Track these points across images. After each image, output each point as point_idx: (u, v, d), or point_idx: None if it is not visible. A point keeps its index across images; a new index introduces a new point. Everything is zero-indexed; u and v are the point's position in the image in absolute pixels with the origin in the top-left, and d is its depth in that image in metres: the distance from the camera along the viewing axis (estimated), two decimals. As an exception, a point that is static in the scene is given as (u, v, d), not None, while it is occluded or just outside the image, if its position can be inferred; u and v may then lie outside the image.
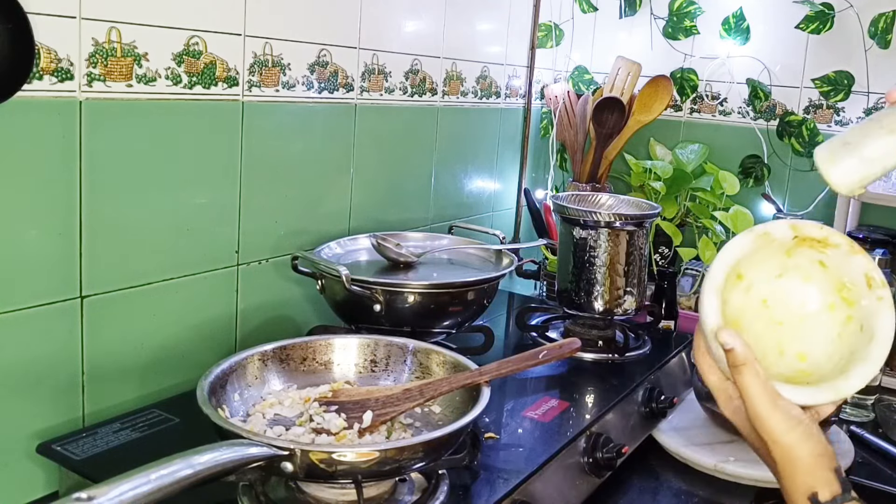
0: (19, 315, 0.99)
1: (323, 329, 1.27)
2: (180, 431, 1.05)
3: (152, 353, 1.15)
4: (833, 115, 1.84)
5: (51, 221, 1.00)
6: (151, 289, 1.14)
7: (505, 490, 0.94)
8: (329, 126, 1.40)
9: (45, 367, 1.02)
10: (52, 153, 0.99)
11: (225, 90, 1.19)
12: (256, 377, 0.98)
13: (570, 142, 2.00)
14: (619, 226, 1.40)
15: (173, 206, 1.15)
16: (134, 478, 0.64)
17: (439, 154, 1.71)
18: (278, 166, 1.31)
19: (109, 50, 1.03)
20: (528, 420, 1.13)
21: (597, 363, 1.40)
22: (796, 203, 1.89)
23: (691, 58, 1.99)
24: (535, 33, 1.97)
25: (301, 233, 1.37)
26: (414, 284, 1.23)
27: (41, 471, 1.03)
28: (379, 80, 1.49)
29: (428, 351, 1.04)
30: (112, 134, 1.05)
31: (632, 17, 2.03)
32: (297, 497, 0.87)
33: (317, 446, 0.82)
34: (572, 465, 1.09)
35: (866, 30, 1.76)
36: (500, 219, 1.99)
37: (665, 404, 1.33)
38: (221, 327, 1.26)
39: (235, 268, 1.26)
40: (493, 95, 1.87)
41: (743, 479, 1.25)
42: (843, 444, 1.23)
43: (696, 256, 1.83)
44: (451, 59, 1.69)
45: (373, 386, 1.02)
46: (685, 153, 1.96)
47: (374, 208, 1.54)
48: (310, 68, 1.33)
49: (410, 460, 0.82)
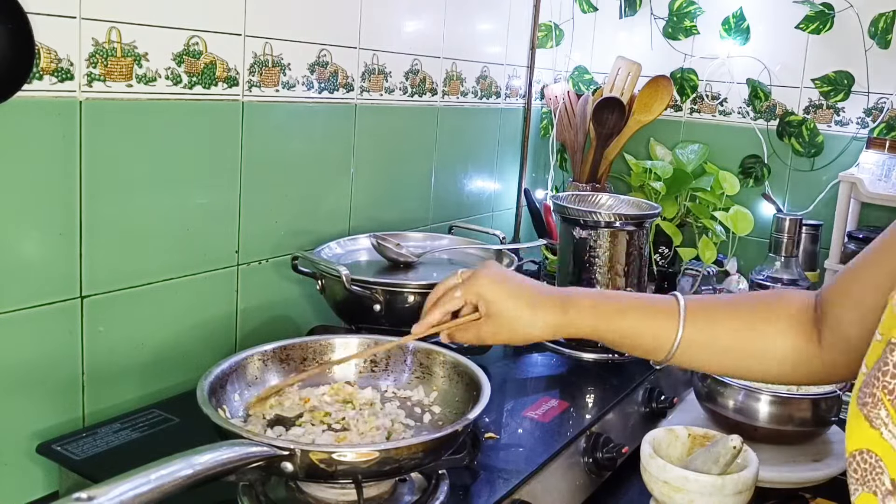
0: (19, 315, 0.99)
1: (323, 329, 1.27)
2: (180, 431, 1.05)
3: (152, 353, 1.15)
4: (833, 115, 1.84)
5: (51, 221, 1.00)
6: (151, 289, 1.14)
7: (505, 490, 0.94)
8: (329, 126, 1.40)
9: (45, 367, 1.02)
10: (52, 153, 0.99)
11: (225, 90, 1.19)
12: (256, 377, 0.98)
13: (570, 142, 2.00)
14: (619, 226, 1.40)
15: (173, 206, 1.15)
16: (134, 478, 0.64)
17: (439, 154, 1.71)
18: (278, 166, 1.31)
19: (109, 50, 1.03)
20: (528, 420, 1.13)
21: (597, 363, 1.40)
22: (796, 203, 1.89)
23: (691, 58, 1.99)
24: (535, 33, 1.97)
25: (301, 233, 1.37)
26: (414, 284, 1.23)
27: (41, 471, 1.02)
28: (379, 80, 1.49)
29: (428, 351, 1.04)
30: (112, 134, 1.05)
31: (632, 17, 2.03)
32: (297, 497, 0.87)
33: (317, 446, 0.81)
34: (572, 465, 1.09)
35: (866, 30, 1.76)
36: (500, 219, 1.99)
37: (665, 404, 1.33)
38: (221, 327, 1.26)
39: (235, 268, 1.26)
40: (493, 95, 1.87)
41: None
42: (843, 444, 1.23)
43: (696, 256, 1.83)
44: (451, 59, 1.69)
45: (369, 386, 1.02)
46: (685, 153, 1.96)
47: (374, 208, 1.54)
48: (310, 68, 1.33)
49: (410, 460, 0.82)
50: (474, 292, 0.91)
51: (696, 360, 0.88)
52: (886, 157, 1.70)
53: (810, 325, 0.84)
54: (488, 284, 0.91)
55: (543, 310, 0.89)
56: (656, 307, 0.88)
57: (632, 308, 0.89)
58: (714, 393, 1.24)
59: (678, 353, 0.86)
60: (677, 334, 0.85)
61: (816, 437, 1.24)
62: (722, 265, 1.81)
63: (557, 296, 0.90)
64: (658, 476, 0.96)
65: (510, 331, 0.90)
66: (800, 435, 1.21)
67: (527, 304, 0.89)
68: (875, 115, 1.78)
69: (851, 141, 1.81)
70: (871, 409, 0.61)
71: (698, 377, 1.27)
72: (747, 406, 1.20)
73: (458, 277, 0.94)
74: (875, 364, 0.63)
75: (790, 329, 0.85)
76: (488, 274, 0.92)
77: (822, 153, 1.84)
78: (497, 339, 0.92)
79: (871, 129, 1.78)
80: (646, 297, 0.93)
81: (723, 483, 0.93)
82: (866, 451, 0.62)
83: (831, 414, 1.21)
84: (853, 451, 0.64)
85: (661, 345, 0.87)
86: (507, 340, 0.92)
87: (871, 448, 0.62)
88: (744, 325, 0.86)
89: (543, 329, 0.89)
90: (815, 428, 1.22)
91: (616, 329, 0.89)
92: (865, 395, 0.62)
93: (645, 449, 0.99)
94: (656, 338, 0.87)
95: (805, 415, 1.19)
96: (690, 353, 0.87)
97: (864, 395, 0.62)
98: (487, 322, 0.91)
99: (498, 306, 0.90)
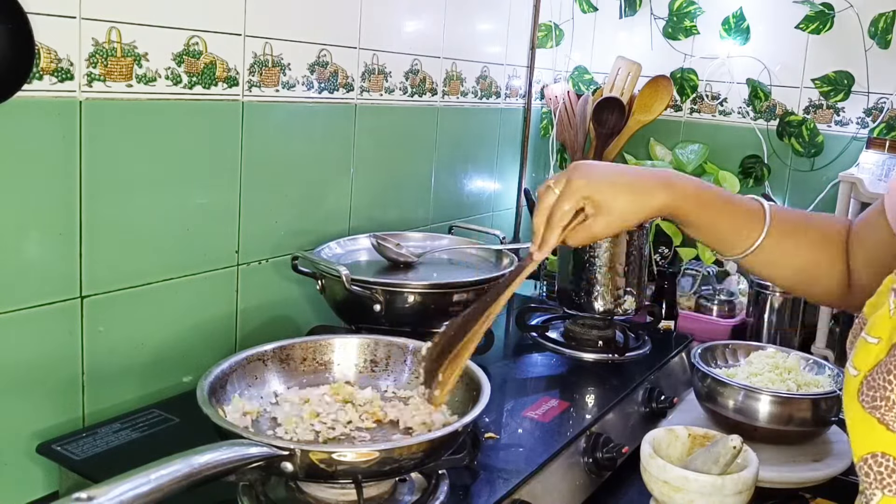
0: (19, 315, 0.99)
1: (323, 329, 1.27)
2: (180, 431, 1.05)
3: (152, 353, 1.15)
4: (833, 115, 1.84)
5: (51, 221, 1.00)
6: (151, 289, 1.14)
7: (505, 490, 0.94)
8: (329, 126, 1.40)
9: (45, 367, 1.02)
10: (52, 153, 0.99)
11: (225, 90, 1.19)
12: (256, 377, 0.98)
13: (570, 142, 2.00)
14: (619, 226, 1.40)
15: (173, 206, 1.15)
16: (134, 478, 0.64)
17: (439, 154, 1.71)
18: (278, 166, 1.31)
19: (109, 50, 1.03)
20: (528, 420, 1.13)
21: (597, 363, 1.40)
22: (796, 203, 1.89)
23: (691, 58, 1.99)
24: (535, 33, 1.97)
25: (301, 233, 1.37)
26: (414, 284, 1.23)
27: (41, 471, 1.02)
28: (379, 80, 1.49)
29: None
30: (112, 134, 1.05)
31: (632, 17, 2.03)
32: (297, 497, 0.87)
33: (317, 446, 0.82)
34: (572, 465, 1.09)
35: (866, 30, 1.76)
36: (500, 219, 1.99)
37: (665, 404, 1.33)
38: (221, 327, 1.26)
39: (235, 268, 1.26)
40: (493, 95, 1.87)
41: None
42: (844, 444, 1.23)
43: (695, 256, 1.83)
44: (451, 59, 1.69)
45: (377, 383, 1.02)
46: (685, 153, 1.96)
47: (374, 208, 1.54)
48: (310, 68, 1.33)
49: (410, 460, 0.82)
50: (580, 197, 0.90)
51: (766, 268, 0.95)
52: (886, 157, 1.70)
53: (843, 255, 0.91)
54: (591, 185, 0.89)
55: (650, 194, 0.90)
56: (744, 206, 0.93)
57: (726, 201, 0.93)
58: (714, 393, 1.24)
59: (752, 255, 0.92)
60: (761, 235, 0.91)
61: (816, 437, 1.24)
62: (722, 265, 1.81)
63: (659, 176, 0.92)
64: (658, 476, 0.96)
65: (621, 220, 0.90)
66: (800, 435, 1.21)
67: (632, 191, 0.90)
68: (875, 115, 1.78)
69: (851, 141, 1.81)
70: (885, 412, 0.61)
71: (698, 377, 1.27)
72: (747, 406, 1.19)
73: (556, 188, 0.91)
74: (876, 368, 0.62)
75: (842, 259, 0.92)
76: (584, 175, 0.90)
77: (822, 153, 1.84)
78: (610, 231, 0.92)
79: (871, 129, 1.78)
80: (736, 195, 0.96)
81: (723, 483, 0.93)
82: (881, 454, 0.62)
83: (831, 414, 1.21)
84: (864, 455, 0.63)
85: (740, 242, 0.92)
86: (619, 229, 0.92)
87: (886, 451, 0.62)
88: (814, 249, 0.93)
89: (650, 210, 0.91)
90: (815, 428, 1.22)
91: (709, 217, 0.92)
92: (875, 399, 0.62)
93: (645, 449, 1.00)
94: (739, 234, 0.92)
95: (805, 415, 1.19)
96: (762, 258, 0.93)
97: (873, 398, 0.62)
98: (597, 219, 0.90)
99: (607, 203, 0.89)
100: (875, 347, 0.63)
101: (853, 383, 0.64)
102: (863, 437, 0.63)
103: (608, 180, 0.90)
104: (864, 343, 0.65)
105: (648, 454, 0.98)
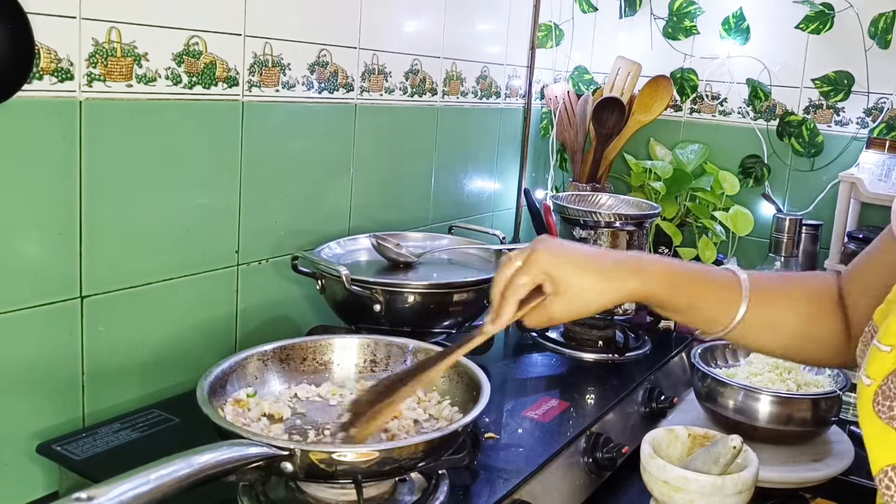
0: (19, 315, 0.99)
1: (323, 329, 1.27)
2: (180, 431, 1.05)
3: (152, 353, 1.15)
4: (833, 115, 1.84)
5: (51, 221, 1.00)
6: (151, 289, 1.14)
7: (505, 490, 0.94)
8: (329, 126, 1.40)
9: (45, 367, 1.02)
10: (52, 153, 0.99)
11: (225, 90, 1.19)
12: (256, 377, 0.98)
13: (570, 142, 2.00)
14: (619, 226, 1.40)
15: (173, 206, 1.15)
16: (134, 478, 0.64)
17: (439, 154, 1.71)
18: (278, 166, 1.31)
19: (109, 50, 1.03)
20: (528, 420, 1.13)
21: (597, 363, 1.40)
22: (796, 203, 1.89)
23: (691, 58, 1.99)
24: (535, 33, 1.97)
25: (301, 233, 1.37)
26: (414, 284, 1.23)
27: (41, 471, 1.02)
28: (379, 80, 1.49)
29: (428, 351, 1.04)
30: (112, 134, 1.05)
31: (632, 17, 2.03)
32: (297, 497, 0.87)
33: (317, 446, 0.82)
34: (572, 465, 1.09)
35: (866, 30, 1.76)
36: (500, 219, 1.99)
37: (665, 404, 1.33)
38: (221, 327, 1.26)
39: (235, 268, 1.26)
40: (493, 95, 1.87)
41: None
42: (844, 444, 1.23)
43: (695, 256, 1.83)
44: (451, 59, 1.69)
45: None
46: (685, 153, 1.96)
47: (374, 208, 1.54)
48: (310, 68, 1.33)
49: (410, 460, 0.82)
50: (539, 271, 0.84)
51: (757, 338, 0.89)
52: (886, 157, 1.70)
53: (837, 308, 0.86)
54: (552, 261, 0.84)
55: (616, 278, 0.85)
56: (718, 281, 0.88)
57: (698, 279, 0.88)
58: (714, 393, 1.24)
59: (736, 330, 0.86)
60: (741, 306, 0.85)
61: (816, 437, 1.24)
62: (722, 265, 1.81)
63: (627, 262, 0.87)
64: (658, 476, 0.96)
65: (583, 304, 0.85)
66: (800, 435, 1.21)
67: (597, 274, 0.84)
68: (875, 115, 1.78)
69: (851, 141, 1.81)
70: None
71: (698, 377, 1.27)
72: (747, 406, 1.20)
73: (516, 260, 0.86)
74: (890, 376, 0.61)
75: (835, 313, 0.86)
76: (547, 249, 0.85)
77: (822, 153, 1.84)
78: (569, 314, 0.86)
79: (871, 129, 1.78)
80: (709, 269, 0.92)
81: (723, 483, 0.93)
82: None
83: (831, 414, 1.21)
84: (885, 467, 0.61)
85: (721, 318, 0.86)
86: (579, 314, 0.86)
87: None
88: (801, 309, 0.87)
89: (616, 297, 0.85)
90: (815, 428, 1.22)
91: (684, 298, 0.87)
92: (892, 409, 0.60)
93: (645, 449, 1.00)
94: (718, 311, 0.86)
95: (805, 415, 1.19)
96: (749, 329, 0.87)
97: (889, 407, 0.60)
98: (557, 300, 0.84)
99: (568, 283, 0.84)
100: (888, 356, 0.62)
101: (867, 393, 0.63)
102: (881, 449, 0.61)
103: (573, 261, 0.85)
104: (876, 351, 0.63)
105: (648, 454, 0.98)
